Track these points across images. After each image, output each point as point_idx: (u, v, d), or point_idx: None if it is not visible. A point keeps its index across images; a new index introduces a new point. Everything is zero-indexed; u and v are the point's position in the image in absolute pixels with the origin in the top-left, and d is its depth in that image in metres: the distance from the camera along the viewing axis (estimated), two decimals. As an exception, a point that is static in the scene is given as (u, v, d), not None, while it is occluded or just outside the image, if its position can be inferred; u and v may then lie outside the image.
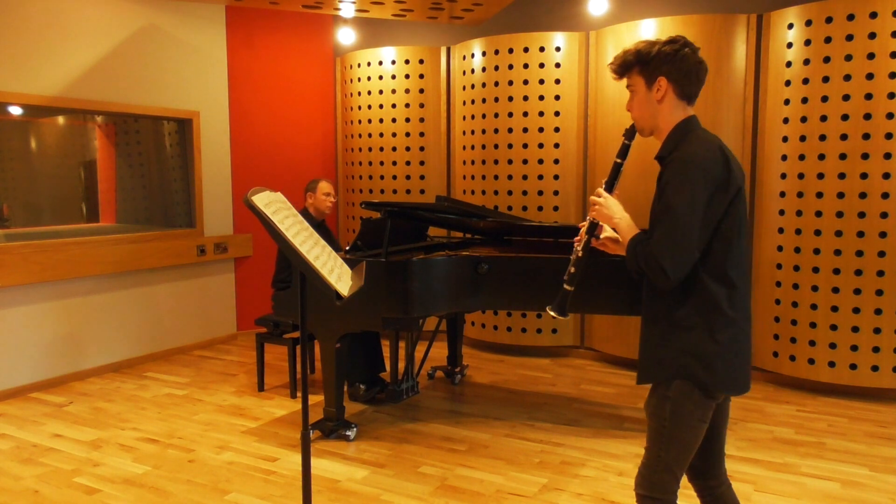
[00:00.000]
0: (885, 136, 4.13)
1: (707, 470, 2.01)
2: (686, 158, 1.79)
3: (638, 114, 1.95)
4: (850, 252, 4.28)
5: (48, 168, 5.98)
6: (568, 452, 3.59)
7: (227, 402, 4.46)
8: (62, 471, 3.41)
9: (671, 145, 1.88)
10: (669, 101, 1.89)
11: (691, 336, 1.82)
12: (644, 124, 1.95)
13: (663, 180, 1.82)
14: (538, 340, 5.47)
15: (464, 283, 3.70)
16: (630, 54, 1.92)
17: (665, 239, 1.76)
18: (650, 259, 1.77)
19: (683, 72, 1.88)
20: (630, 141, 1.99)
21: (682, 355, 1.82)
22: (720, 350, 1.81)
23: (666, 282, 1.77)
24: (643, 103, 1.93)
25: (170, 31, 5.50)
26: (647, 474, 1.90)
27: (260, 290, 6.06)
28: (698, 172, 1.76)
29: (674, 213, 1.75)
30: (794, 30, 4.40)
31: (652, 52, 1.88)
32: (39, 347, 4.74)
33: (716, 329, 1.81)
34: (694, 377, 1.82)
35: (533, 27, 5.55)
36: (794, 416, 4.14)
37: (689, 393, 1.83)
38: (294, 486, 3.21)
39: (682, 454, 1.87)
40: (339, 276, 2.32)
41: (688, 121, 1.90)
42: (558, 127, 5.27)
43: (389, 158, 5.99)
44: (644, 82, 1.91)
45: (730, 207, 1.81)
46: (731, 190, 1.80)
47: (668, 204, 1.77)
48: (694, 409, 1.83)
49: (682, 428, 1.84)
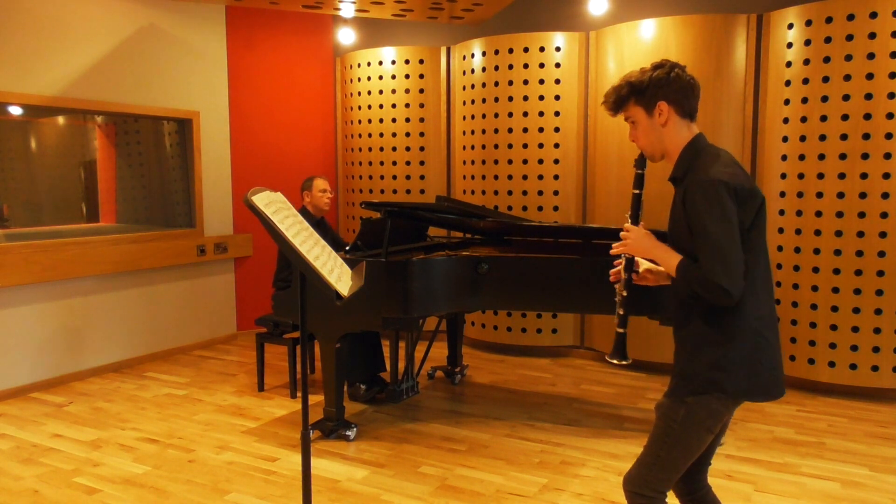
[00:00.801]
0: (885, 136, 4.13)
1: (693, 475, 2.01)
2: (707, 178, 1.80)
3: (645, 142, 1.97)
4: (850, 252, 4.28)
5: (48, 168, 5.98)
6: (568, 452, 3.59)
7: (227, 402, 4.46)
8: (62, 471, 3.41)
9: (685, 165, 1.90)
10: (673, 122, 1.92)
11: (718, 349, 1.83)
12: (653, 150, 1.97)
13: (689, 206, 1.83)
14: (538, 340, 5.47)
15: (464, 283, 3.70)
16: (623, 88, 1.94)
17: (713, 261, 1.76)
18: (706, 283, 1.77)
19: (681, 92, 1.90)
20: (642, 170, 2.01)
21: (710, 370, 1.83)
22: (751, 359, 1.83)
23: (729, 300, 1.77)
24: (648, 131, 1.94)
25: (170, 31, 5.50)
26: (642, 472, 1.90)
27: (260, 290, 6.06)
28: (720, 188, 1.77)
29: (711, 235, 1.77)
30: (794, 30, 4.40)
31: (645, 81, 1.90)
32: (40, 347, 4.74)
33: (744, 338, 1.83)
34: (722, 390, 1.82)
35: (533, 27, 5.55)
36: (794, 416, 4.14)
37: (706, 402, 1.84)
38: (294, 486, 3.21)
39: (683, 459, 1.88)
40: (339, 276, 2.32)
41: (696, 139, 1.93)
42: (558, 127, 5.27)
43: (389, 158, 5.99)
44: (644, 111, 1.93)
45: (756, 219, 1.83)
46: (756, 200, 1.83)
47: (704, 228, 1.78)
48: (706, 417, 1.84)
49: (690, 434, 1.85)
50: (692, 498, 2.03)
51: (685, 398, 1.86)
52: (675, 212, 1.93)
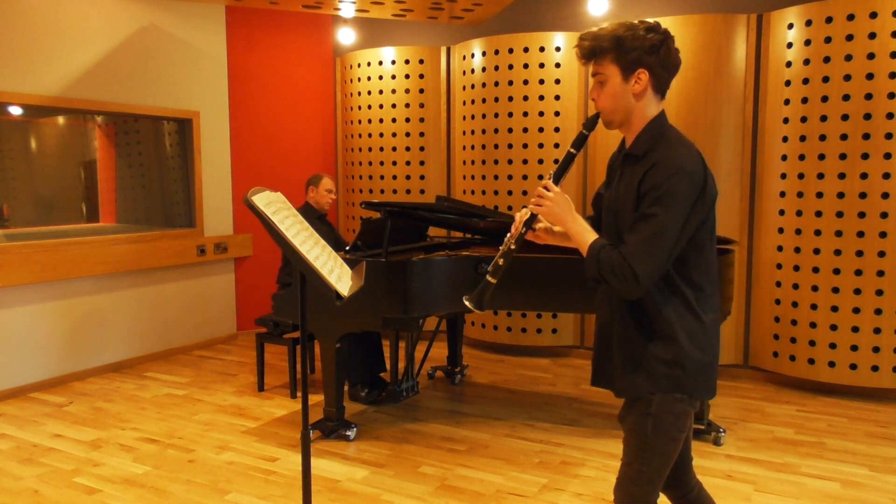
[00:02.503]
0: (885, 136, 4.13)
1: (678, 478, 1.97)
2: (672, 165, 1.67)
3: (609, 105, 1.78)
4: (850, 252, 4.28)
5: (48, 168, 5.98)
6: (568, 452, 3.59)
7: (227, 402, 4.46)
8: (62, 471, 3.41)
9: (645, 143, 1.76)
10: (647, 94, 1.75)
11: (672, 345, 1.75)
12: (615, 117, 1.80)
13: (649, 186, 1.69)
14: (538, 340, 5.47)
15: (464, 284, 3.70)
16: (606, 40, 1.73)
17: (643, 245, 1.66)
18: (619, 265, 1.67)
19: (667, 66, 1.74)
20: (589, 132, 1.84)
21: (665, 366, 1.75)
22: (702, 356, 1.77)
23: (634, 289, 1.68)
24: (617, 95, 1.76)
25: (170, 31, 5.49)
26: (628, 488, 1.83)
27: (260, 290, 6.06)
28: (686, 183, 1.67)
29: (656, 221, 1.65)
30: (794, 30, 4.40)
31: (635, 41, 1.70)
32: (39, 347, 4.74)
33: (694, 335, 1.76)
34: (679, 387, 1.76)
35: (533, 27, 5.55)
36: (794, 416, 4.14)
37: (670, 405, 1.77)
38: (294, 486, 3.21)
39: (663, 466, 1.82)
40: (339, 276, 2.31)
41: (661, 116, 1.78)
42: (558, 127, 5.27)
43: (389, 158, 5.99)
44: (620, 72, 1.74)
45: (706, 216, 1.74)
46: (708, 198, 1.72)
47: (652, 211, 1.66)
48: (675, 420, 1.78)
49: (663, 441, 1.79)
50: (686, 500, 1.99)
51: (648, 409, 1.77)
52: (622, 189, 1.78)
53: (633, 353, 1.81)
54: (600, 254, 1.73)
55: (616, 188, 1.84)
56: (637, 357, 1.79)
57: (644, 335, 1.79)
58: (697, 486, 2.01)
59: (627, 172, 1.80)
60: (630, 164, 1.80)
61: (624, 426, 1.88)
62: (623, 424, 1.89)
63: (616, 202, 1.82)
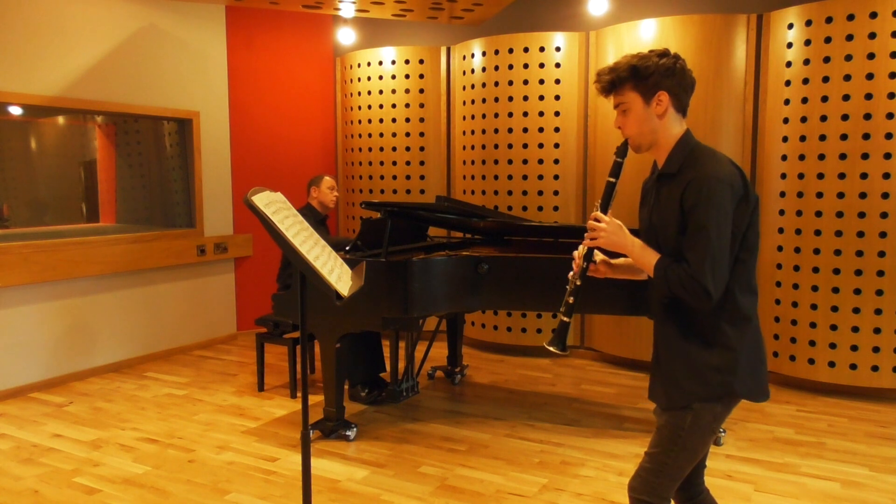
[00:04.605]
0: (885, 136, 4.13)
1: (690, 479, 1.99)
2: (708, 176, 1.74)
3: (636, 130, 1.87)
4: (850, 252, 4.28)
5: (48, 168, 5.99)
6: (568, 452, 3.59)
7: (227, 402, 4.46)
8: (62, 471, 3.41)
9: (678, 161, 1.83)
10: (669, 115, 1.84)
11: (723, 351, 1.80)
12: (643, 140, 1.88)
13: (691, 202, 1.75)
14: (538, 340, 5.47)
15: (464, 283, 3.70)
16: (623, 70, 1.84)
17: (703, 260, 1.72)
18: (689, 283, 1.73)
19: (683, 85, 1.84)
20: (622, 159, 1.91)
21: (717, 373, 1.80)
22: (752, 359, 1.82)
23: (708, 302, 1.74)
24: (641, 120, 1.85)
25: (170, 31, 5.49)
26: (649, 479, 1.87)
27: (260, 290, 6.06)
28: (724, 189, 1.73)
29: (707, 234, 1.72)
30: (794, 30, 4.40)
31: (650, 67, 1.81)
32: (39, 347, 4.74)
33: (747, 339, 1.81)
34: (732, 392, 1.80)
35: (533, 27, 5.56)
36: (794, 416, 4.14)
37: (711, 406, 1.82)
38: (294, 486, 3.21)
39: (688, 463, 1.86)
40: (339, 276, 2.31)
41: (688, 134, 1.87)
42: (558, 127, 5.27)
43: (389, 158, 5.99)
44: (641, 98, 1.84)
45: (752, 218, 1.80)
46: (751, 201, 1.79)
47: (701, 224, 1.73)
48: (713, 420, 1.83)
49: (696, 439, 1.83)
50: (693, 503, 2.01)
51: (692, 404, 1.82)
52: (661, 208, 1.85)
53: (685, 362, 1.85)
54: (668, 273, 1.78)
55: (653, 208, 1.90)
56: (690, 366, 1.84)
57: (695, 343, 1.83)
58: (705, 491, 2.04)
59: (664, 191, 1.86)
60: (666, 182, 1.86)
61: (659, 417, 1.91)
62: (660, 415, 1.91)
63: (657, 220, 1.88)
